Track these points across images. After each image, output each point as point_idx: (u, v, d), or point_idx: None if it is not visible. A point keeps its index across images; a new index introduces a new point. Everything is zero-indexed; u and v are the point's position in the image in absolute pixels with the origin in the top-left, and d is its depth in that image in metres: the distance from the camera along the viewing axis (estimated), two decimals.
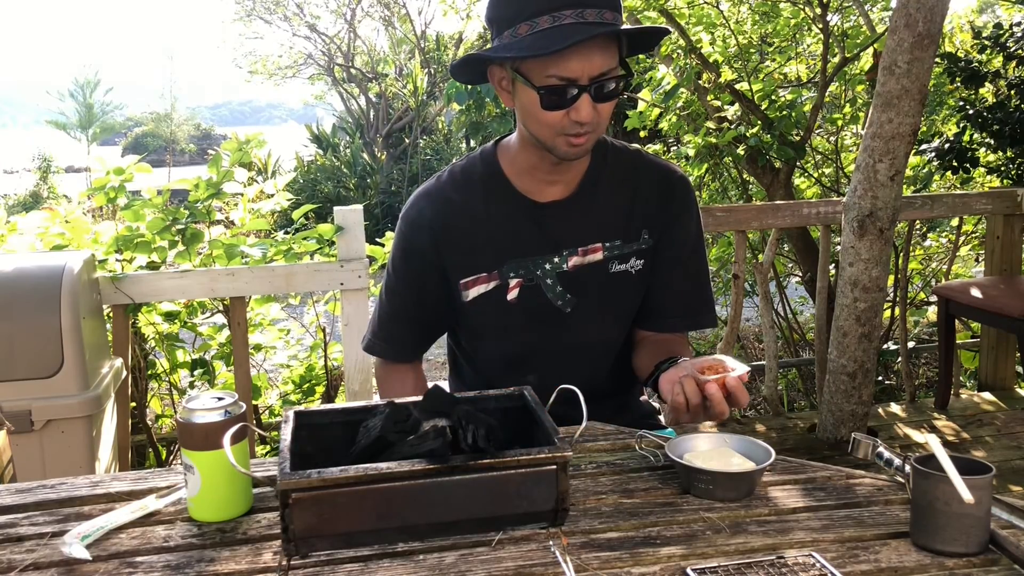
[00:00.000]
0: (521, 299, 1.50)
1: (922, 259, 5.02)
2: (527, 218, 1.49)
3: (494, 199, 1.50)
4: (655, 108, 4.82)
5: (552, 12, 1.27)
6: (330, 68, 16.72)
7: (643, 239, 1.52)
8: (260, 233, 3.65)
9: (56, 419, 2.24)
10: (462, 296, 1.51)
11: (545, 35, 1.28)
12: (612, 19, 1.30)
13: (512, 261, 1.49)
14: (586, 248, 1.49)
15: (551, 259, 1.49)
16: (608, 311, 1.54)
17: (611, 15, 1.30)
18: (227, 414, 1.12)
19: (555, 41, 1.26)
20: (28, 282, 2.27)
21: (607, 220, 1.50)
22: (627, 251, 1.51)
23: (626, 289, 1.53)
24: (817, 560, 0.99)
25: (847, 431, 2.97)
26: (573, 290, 1.50)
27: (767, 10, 4.73)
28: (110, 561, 1.04)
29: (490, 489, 1.04)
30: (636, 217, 1.51)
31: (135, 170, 2.88)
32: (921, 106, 2.70)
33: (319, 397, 3.31)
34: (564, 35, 1.26)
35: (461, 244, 1.50)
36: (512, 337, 1.53)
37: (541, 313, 1.51)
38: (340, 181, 13.15)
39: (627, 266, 1.51)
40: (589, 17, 1.28)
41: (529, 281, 1.49)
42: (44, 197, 15.11)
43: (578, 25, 1.27)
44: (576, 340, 1.53)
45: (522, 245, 1.49)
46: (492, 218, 1.49)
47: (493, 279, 1.50)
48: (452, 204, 1.51)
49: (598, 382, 1.54)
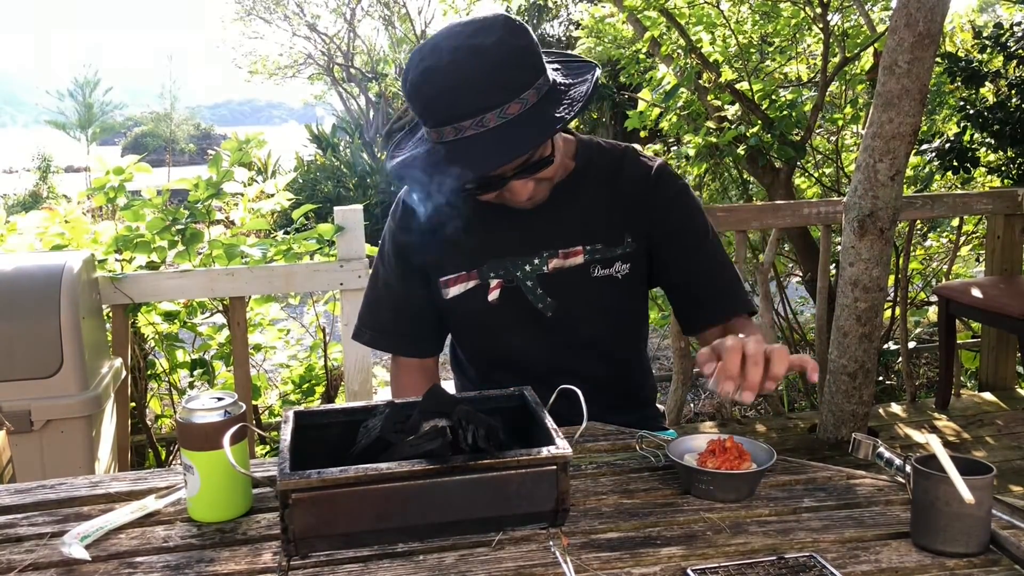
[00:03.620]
0: (503, 300, 1.48)
1: (923, 259, 5.02)
2: (506, 218, 1.47)
3: (474, 199, 1.48)
4: (655, 108, 4.82)
5: (452, 124, 1.24)
6: (330, 68, 16.72)
7: (627, 243, 1.48)
8: (260, 233, 3.65)
9: (56, 419, 2.24)
10: (443, 294, 1.51)
11: (450, 151, 1.25)
12: (517, 110, 1.23)
13: (492, 261, 1.48)
14: (567, 251, 1.47)
15: (531, 260, 1.47)
16: (591, 316, 1.50)
17: (516, 107, 1.23)
18: (227, 414, 1.12)
19: (455, 171, 1.23)
20: (28, 282, 2.27)
21: (588, 222, 1.47)
22: (610, 255, 1.47)
23: (611, 294, 1.49)
24: (817, 560, 0.99)
25: (848, 431, 2.97)
26: (553, 293, 1.47)
27: (767, 10, 4.73)
28: (110, 561, 1.04)
29: (490, 489, 1.04)
30: (617, 220, 1.48)
31: (135, 170, 2.88)
32: (921, 106, 2.69)
33: (319, 397, 3.31)
34: (462, 157, 1.23)
35: (441, 242, 1.49)
36: (497, 335, 1.52)
37: (523, 315, 1.48)
38: (340, 181, 13.15)
39: (611, 271, 1.47)
40: (490, 123, 1.22)
41: (509, 282, 1.47)
42: (44, 197, 15.10)
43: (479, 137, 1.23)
44: (560, 344, 1.50)
45: (502, 245, 1.48)
46: (472, 217, 1.48)
47: (472, 278, 1.49)
48: (434, 202, 1.51)
49: (594, 388, 1.51)
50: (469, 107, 1.22)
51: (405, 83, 1.30)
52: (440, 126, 1.25)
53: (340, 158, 14.09)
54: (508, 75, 1.23)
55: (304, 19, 16.63)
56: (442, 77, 1.23)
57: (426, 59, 1.25)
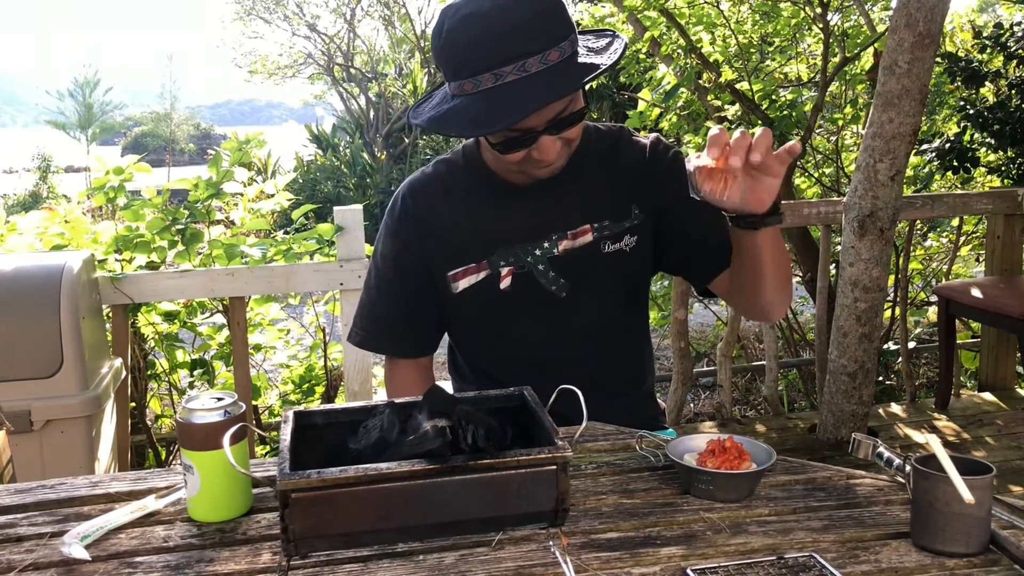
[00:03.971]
0: (514, 287, 1.48)
1: (922, 259, 5.02)
2: (512, 205, 1.47)
3: (478, 189, 1.49)
4: (655, 108, 4.82)
5: (493, 70, 1.22)
6: (330, 68, 16.72)
7: (634, 215, 1.49)
8: (260, 233, 3.65)
9: (56, 419, 2.24)
10: (451, 288, 1.50)
11: (488, 100, 1.24)
12: (557, 58, 1.24)
13: (501, 249, 1.48)
14: (575, 231, 1.47)
15: (540, 244, 1.47)
16: (604, 292, 1.52)
17: (555, 54, 1.24)
18: (227, 414, 1.12)
19: (497, 116, 1.22)
20: (28, 282, 2.27)
21: (593, 200, 1.48)
22: (618, 230, 1.49)
23: (622, 268, 1.51)
24: (817, 560, 0.99)
25: (847, 431, 2.97)
26: (566, 274, 1.48)
27: (767, 10, 4.72)
28: (109, 561, 1.04)
29: (490, 489, 1.04)
30: (622, 192, 1.49)
31: (134, 170, 2.89)
32: (921, 106, 2.69)
33: (319, 397, 3.31)
34: (504, 102, 1.22)
35: (447, 236, 1.48)
36: (508, 326, 1.52)
37: (536, 300, 1.49)
38: (340, 181, 13.15)
39: (620, 245, 1.49)
40: (532, 67, 1.22)
41: (520, 268, 1.48)
42: (43, 197, 15.10)
43: (522, 82, 1.22)
44: (574, 325, 1.51)
45: (510, 232, 1.48)
46: (477, 208, 1.48)
47: (483, 269, 1.48)
48: (436, 195, 1.50)
49: (603, 375, 1.52)
50: (513, 51, 1.22)
51: (438, 37, 1.29)
52: (478, 74, 1.24)
53: (340, 158, 14.10)
54: (550, 22, 1.25)
55: (304, 19, 16.63)
56: (486, 22, 1.23)
57: (464, 8, 1.25)
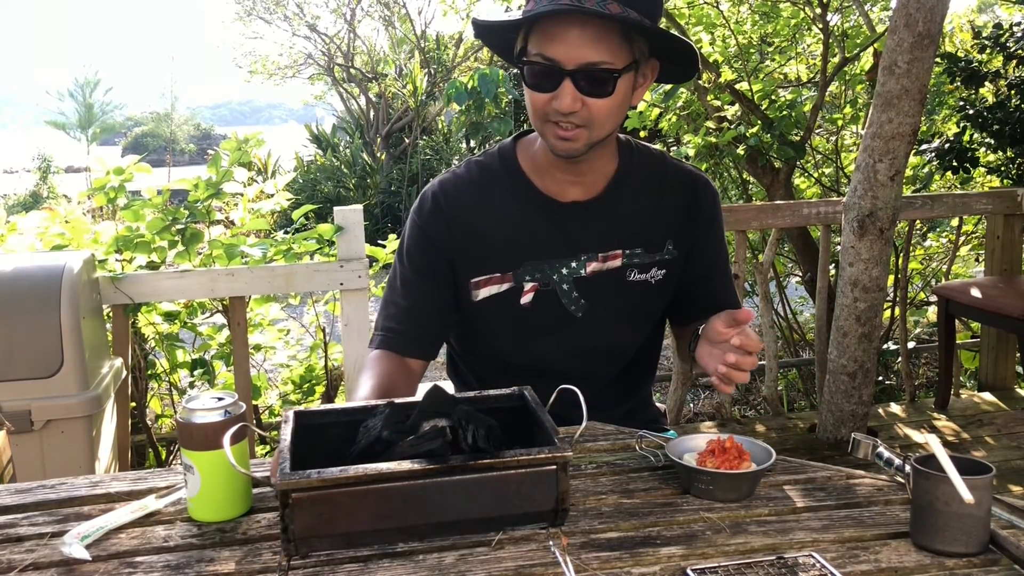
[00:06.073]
0: (536, 304, 1.44)
1: (922, 259, 5.02)
2: (546, 219, 1.43)
3: (512, 197, 1.44)
4: (655, 108, 4.82)
5: None
6: (330, 68, 16.70)
7: (667, 250, 1.47)
8: (260, 233, 3.65)
9: (56, 419, 2.24)
10: (471, 295, 1.45)
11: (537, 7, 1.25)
12: (619, 11, 1.22)
13: (529, 263, 1.43)
14: (606, 254, 1.44)
15: (569, 263, 1.44)
16: (621, 319, 1.49)
17: (617, 7, 1.22)
18: (227, 414, 1.12)
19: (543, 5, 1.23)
20: (28, 282, 2.27)
21: (629, 226, 1.45)
22: (648, 260, 1.46)
23: (643, 299, 1.48)
24: (817, 560, 0.99)
25: (847, 431, 2.97)
26: (588, 296, 1.45)
27: (767, 10, 4.73)
28: (110, 561, 1.04)
29: (490, 489, 1.04)
30: (659, 226, 1.46)
31: (135, 170, 2.88)
32: (921, 106, 2.69)
33: (319, 397, 3.31)
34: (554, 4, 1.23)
35: (475, 241, 1.44)
36: (521, 341, 1.48)
37: (554, 319, 1.46)
38: (340, 181, 13.14)
39: (647, 276, 1.46)
40: (588, 3, 1.21)
41: (545, 285, 1.44)
42: (44, 197, 15.10)
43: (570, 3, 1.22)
44: (586, 345, 1.48)
45: (540, 247, 1.43)
46: (510, 217, 1.43)
47: (507, 280, 1.44)
48: (468, 199, 1.45)
49: (605, 388, 1.51)
50: None
51: None
52: None
53: (340, 158, 14.09)
54: None
55: (304, 19, 16.61)
56: None
57: None
